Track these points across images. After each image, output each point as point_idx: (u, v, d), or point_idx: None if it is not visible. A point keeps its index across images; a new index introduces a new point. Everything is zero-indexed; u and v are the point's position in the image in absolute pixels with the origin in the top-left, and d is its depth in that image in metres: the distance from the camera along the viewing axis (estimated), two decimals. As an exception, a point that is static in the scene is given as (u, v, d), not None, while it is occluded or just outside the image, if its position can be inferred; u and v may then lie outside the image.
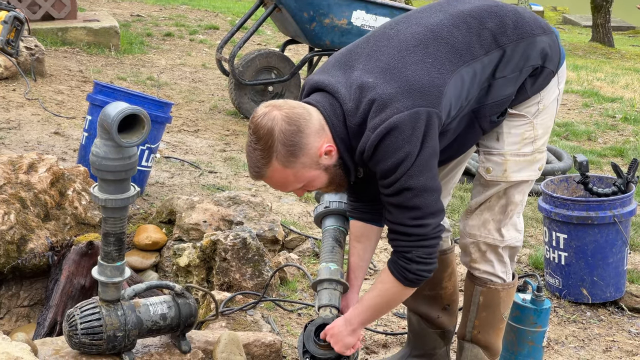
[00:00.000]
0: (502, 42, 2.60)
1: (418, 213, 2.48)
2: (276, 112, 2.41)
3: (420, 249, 2.51)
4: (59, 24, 9.20)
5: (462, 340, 3.02)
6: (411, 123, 2.40)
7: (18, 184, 3.93)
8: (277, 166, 2.44)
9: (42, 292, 3.92)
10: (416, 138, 2.41)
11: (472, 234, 2.86)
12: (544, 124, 2.76)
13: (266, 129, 2.40)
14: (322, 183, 2.56)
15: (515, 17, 2.64)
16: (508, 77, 2.61)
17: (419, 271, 2.53)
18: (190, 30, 11.36)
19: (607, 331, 3.88)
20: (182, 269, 3.88)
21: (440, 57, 2.52)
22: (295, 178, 2.48)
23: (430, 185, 2.47)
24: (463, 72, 2.53)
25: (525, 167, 2.77)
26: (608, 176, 4.31)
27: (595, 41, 16.65)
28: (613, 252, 4.04)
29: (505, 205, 2.82)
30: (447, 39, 2.55)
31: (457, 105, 2.54)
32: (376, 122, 2.42)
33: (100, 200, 2.70)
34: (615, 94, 9.85)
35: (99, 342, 2.81)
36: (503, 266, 2.90)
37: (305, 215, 4.94)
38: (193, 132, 6.74)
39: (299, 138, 2.42)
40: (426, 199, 2.47)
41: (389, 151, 2.41)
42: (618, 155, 7.08)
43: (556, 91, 2.77)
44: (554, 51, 2.70)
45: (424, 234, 2.50)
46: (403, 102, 2.42)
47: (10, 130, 5.77)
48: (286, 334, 3.49)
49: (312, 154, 2.45)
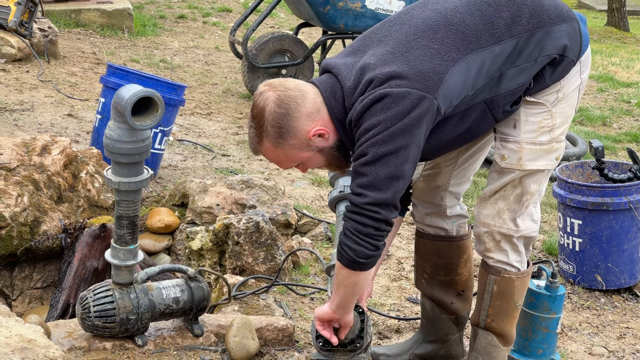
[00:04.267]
0: (515, 31, 2.55)
1: (363, 180, 2.42)
2: (270, 92, 2.47)
3: (351, 222, 2.44)
4: (72, 5, 9.19)
5: (475, 327, 3.00)
6: (399, 99, 2.38)
7: (31, 166, 3.93)
8: (268, 146, 2.51)
9: (55, 274, 3.93)
10: (398, 112, 2.38)
11: (487, 223, 2.83)
12: (563, 112, 2.72)
13: (259, 108, 2.48)
14: (320, 163, 2.59)
15: (534, 5, 2.59)
16: (521, 67, 2.58)
17: (345, 247, 2.46)
18: (204, 13, 11.33)
19: (621, 318, 3.86)
20: (194, 253, 3.88)
21: (447, 43, 2.49)
22: (287, 158, 2.54)
23: (391, 162, 2.39)
24: (470, 60, 2.49)
25: (542, 156, 2.74)
26: (624, 162, 4.28)
27: (611, 25, 16.51)
28: (628, 239, 4.01)
29: (520, 195, 2.78)
30: (458, 25, 2.52)
31: (460, 94, 2.51)
32: (366, 94, 2.43)
33: (114, 183, 2.70)
34: (631, 78, 9.76)
35: (111, 325, 2.82)
36: (518, 255, 2.87)
37: (318, 199, 4.93)
38: (206, 115, 6.73)
39: (286, 121, 2.46)
40: (378, 172, 2.40)
41: (367, 116, 2.41)
42: (633, 140, 7.03)
43: (578, 80, 2.72)
44: (574, 40, 2.64)
45: (360, 204, 2.42)
46: (399, 82, 2.41)
47: (23, 112, 5.77)
48: (299, 318, 3.48)
49: (300, 137, 2.49)
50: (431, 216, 3.08)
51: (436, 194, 3.03)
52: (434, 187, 3.02)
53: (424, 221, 3.10)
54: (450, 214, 3.07)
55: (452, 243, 3.11)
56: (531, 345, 3.28)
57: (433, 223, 3.09)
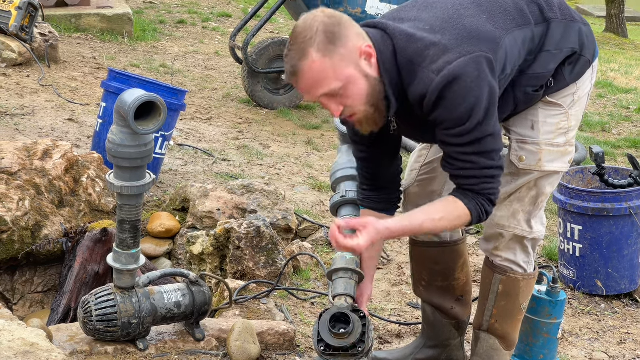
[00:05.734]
0: (548, 16, 2.62)
1: (497, 155, 2.51)
2: (318, 12, 2.40)
3: (498, 190, 2.57)
4: (72, 10, 9.19)
5: (478, 330, 3.01)
6: (476, 66, 2.40)
7: (33, 170, 3.94)
8: (315, 56, 2.35)
9: (56, 279, 3.93)
10: (483, 81, 2.40)
11: (501, 225, 2.84)
12: (577, 115, 2.77)
13: (306, 25, 2.37)
14: (361, 93, 2.42)
15: (560, 1, 2.69)
16: (552, 52, 2.62)
17: (489, 214, 2.58)
18: (203, 18, 11.34)
19: (622, 323, 3.87)
20: (195, 257, 3.88)
21: (494, 15, 2.54)
22: (334, 72, 2.37)
23: (498, 126, 2.52)
24: (516, 34, 2.54)
25: (558, 158, 2.77)
26: (624, 168, 4.29)
27: (609, 32, 16.53)
28: (628, 244, 4.02)
29: (535, 197, 2.80)
30: (499, 3, 2.58)
31: (511, 63, 2.54)
32: (440, 64, 2.39)
33: (116, 188, 2.70)
34: (630, 85, 9.78)
35: (113, 329, 2.82)
36: (526, 256, 2.89)
37: (319, 204, 4.94)
38: (206, 120, 6.74)
39: (339, 29, 2.37)
40: (500, 141, 2.52)
41: (458, 96, 2.39)
42: (633, 146, 7.04)
43: (589, 86, 2.78)
44: (590, 41, 2.73)
45: (500, 174, 2.55)
46: (464, 47, 2.41)
47: (24, 117, 5.77)
48: (300, 322, 3.49)
49: (351, 48, 2.38)
50: None
51: (430, 200, 3.02)
52: (429, 192, 3.02)
53: None
54: None
55: (447, 248, 3.11)
56: (532, 350, 3.28)
57: None
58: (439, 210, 2.58)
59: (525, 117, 2.74)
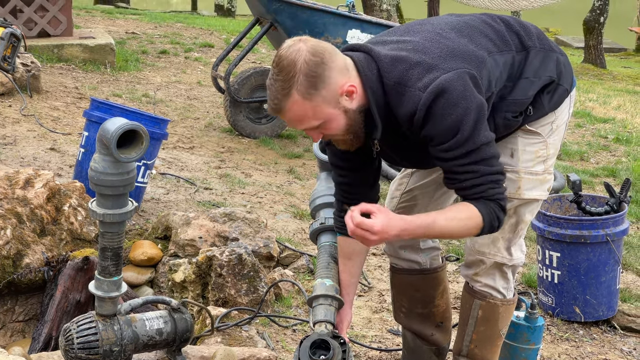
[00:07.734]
0: (527, 44, 2.69)
1: (497, 160, 2.53)
2: (302, 44, 2.40)
3: (505, 196, 2.57)
4: (55, 40, 9.23)
5: (457, 356, 3.03)
6: (461, 81, 2.44)
7: (14, 199, 3.94)
8: (296, 98, 2.39)
9: (37, 307, 3.92)
10: (469, 93, 2.44)
11: (482, 252, 2.88)
12: (555, 144, 2.82)
13: (290, 59, 2.38)
14: (340, 127, 2.49)
15: (538, 31, 2.76)
16: (530, 80, 2.67)
17: (502, 220, 2.57)
18: (185, 48, 11.40)
19: (600, 349, 3.90)
20: (177, 285, 3.89)
21: (475, 39, 2.59)
22: (314, 113, 2.43)
23: (492, 134, 2.53)
24: (497, 57, 2.60)
25: (537, 186, 2.81)
26: (601, 195, 4.35)
27: (588, 62, 16.75)
28: (606, 271, 4.06)
29: (515, 224, 2.84)
30: (479, 29, 2.64)
31: (495, 81, 2.58)
32: (425, 82, 2.43)
33: (99, 215, 2.72)
34: (608, 114, 9.90)
35: (95, 356, 2.82)
36: (505, 282, 2.92)
37: (300, 232, 4.96)
38: (188, 149, 6.77)
39: (322, 70, 2.39)
40: (495, 147, 2.54)
41: (446, 108, 2.42)
42: (610, 175, 7.12)
43: (567, 115, 2.84)
44: (568, 71, 2.79)
45: (503, 179, 2.56)
46: (448, 64, 2.46)
47: (6, 146, 5.78)
48: (281, 349, 3.50)
49: (333, 89, 2.42)
50: (405, 250, 3.11)
51: None
52: None
53: (397, 255, 3.13)
54: (424, 247, 3.11)
55: (427, 276, 3.14)
56: (511, 376, 3.31)
57: (407, 257, 3.12)
58: (451, 210, 2.60)
59: (505, 145, 2.78)
